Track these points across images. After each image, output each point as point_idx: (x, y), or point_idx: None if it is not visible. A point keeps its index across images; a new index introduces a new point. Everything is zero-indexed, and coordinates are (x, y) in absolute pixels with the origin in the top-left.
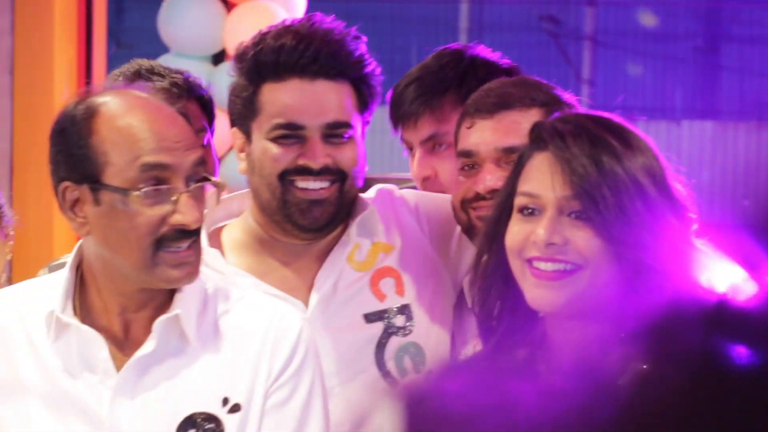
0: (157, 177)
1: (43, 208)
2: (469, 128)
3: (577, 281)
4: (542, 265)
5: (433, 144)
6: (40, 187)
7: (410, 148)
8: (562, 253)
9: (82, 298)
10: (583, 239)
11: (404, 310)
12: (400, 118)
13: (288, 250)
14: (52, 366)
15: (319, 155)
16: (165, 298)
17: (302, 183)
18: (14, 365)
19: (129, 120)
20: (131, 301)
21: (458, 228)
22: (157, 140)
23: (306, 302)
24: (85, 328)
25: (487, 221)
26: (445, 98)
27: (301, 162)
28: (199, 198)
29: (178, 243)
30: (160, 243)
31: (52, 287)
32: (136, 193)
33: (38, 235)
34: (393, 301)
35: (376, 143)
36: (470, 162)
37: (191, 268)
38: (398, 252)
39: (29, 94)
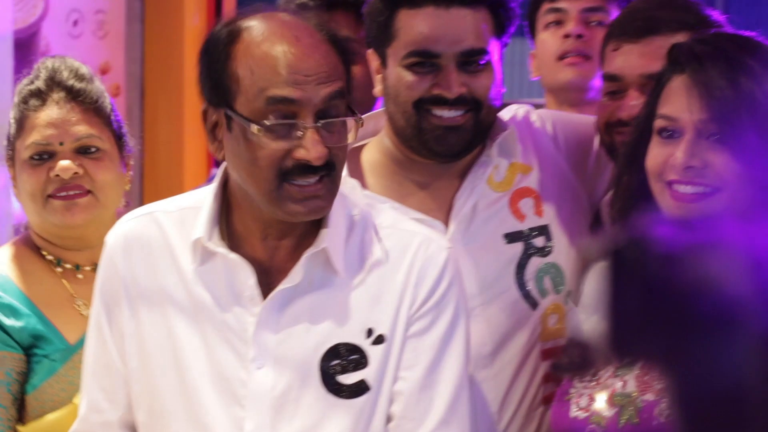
0: (283, 111)
1: (174, 132)
2: (614, 51)
3: (715, 203)
4: (681, 188)
5: (590, 18)
6: (170, 113)
7: (556, 21)
8: (700, 176)
9: (228, 223)
10: (721, 162)
11: (543, 230)
12: None
13: (426, 171)
14: (197, 292)
15: (454, 85)
16: (309, 227)
17: (437, 111)
18: (160, 278)
19: (264, 49)
20: (273, 228)
21: (595, 148)
22: (286, 73)
23: (445, 223)
24: (233, 256)
25: (627, 143)
26: None
27: (436, 91)
28: (329, 133)
29: (305, 178)
30: (285, 176)
31: (198, 206)
32: (258, 126)
33: (169, 163)
34: (532, 222)
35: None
36: (615, 86)
37: (319, 203)
38: (536, 172)
39: (160, 18)
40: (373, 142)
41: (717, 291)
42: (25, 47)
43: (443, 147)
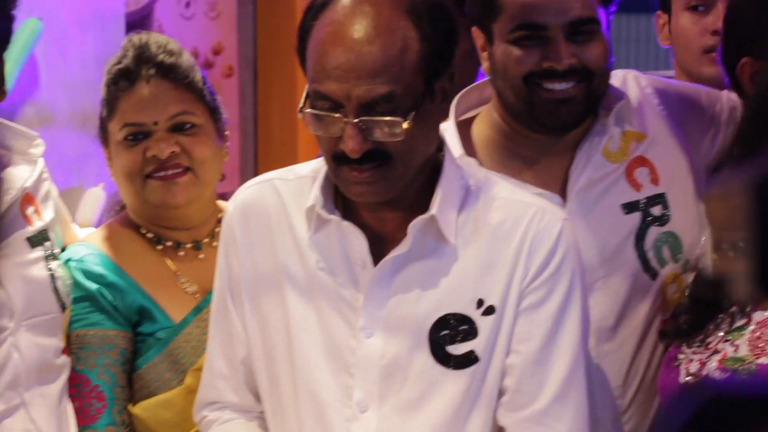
0: (323, 103)
1: (287, 113)
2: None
3: None
4: None
5: None
6: (284, 91)
7: (697, 6)
8: None
9: (342, 192)
10: None
11: (660, 199)
12: None
13: (538, 145)
14: (311, 259)
15: (564, 56)
16: (420, 195)
17: (548, 84)
18: (276, 244)
19: (322, 36)
20: (381, 204)
21: (709, 114)
22: (328, 67)
23: (561, 195)
24: (346, 223)
25: (741, 118)
26: None
27: (546, 64)
28: (373, 129)
29: (350, 165)
30: (339, 161)
31: (315, 175)
32: (300, 114)
33: (282, 143)
34: (649, 191)
35: None
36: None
37: (372, 189)
38: (650, 140)
39: (272, 1)
40: (482, 115)
41: None
42: (138, 29)
43: (555, 120)
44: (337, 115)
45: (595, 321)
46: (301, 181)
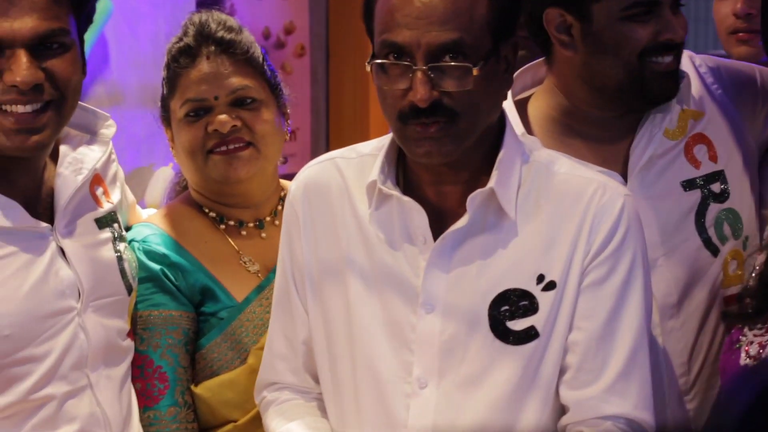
0: (392, 53)
1: (359, 93)
2: None
3: None
4: None
5: None
6: (356, 71)
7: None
8: None
9: (404, 167)
10: None
11: (719, 176)
12: None
13: (599, 122)
14: (372, 235)
15: (680, 29)
16: (480, 170)
17: (659, 58)
18: (338, 220)
19: None
20: (442, 174)
21: (763, 92)
22: (399, 16)
23: (622, 173)
24: (406, 199)
25: None
26: None
27: (664, 37)
28: (443, 78)
29: (419, 120)
30: (404, 118)
31: (376, 153)
32: (370, 64)
33: (354, 123)
34: (708, 168)
35: None
36: None
37: (436, 146)
38: (707, 118)
39: None
40: (539, 94)
41: None
42: (210, 7)
43: (664, 93)
44: (406, 63)
45: (658, 298)
46: (364, 159)
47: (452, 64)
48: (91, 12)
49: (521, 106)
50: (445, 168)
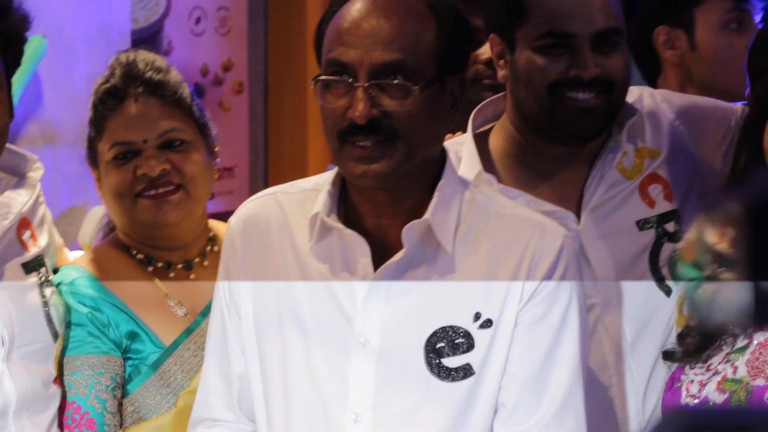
0: (336, 71)
1: (298, 129)
2: None
3: None
4: None
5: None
6: (295, 108)
7: (739, 22)
8: None
9: (346, 201)
10: None
11: (674, 215)
12: None
13: (553, 159)
14: (311, 269)
15: (591, 65)
16: (420, 204)
17: (572, 93)
18: (276, 254)
19: (344, 12)
20: (384, 206)
21: (723, 127)
22: (344, 35)
23: (576, 211)
24: (349, 232)
25: (744, 120)
26: None
27: (573, 73)
28: (384, 96)
29: (358, 138)
30: (343, 136)
31: (318, 189)
32: (313, 81)
33: (293, 160)
34: (663, 207)
35: None
36: None
37: (375, 166)
38: (665, 156)
39: (283, 14)
40: (498, 128)
41: None
42: (148, 46)
43: (578, 130)
44: (349, 80)
45: (612, 337)
46: (304, 194)
47: (393, 82)
48: (18, 55)
49: (482, 140)
50: (384, 198)
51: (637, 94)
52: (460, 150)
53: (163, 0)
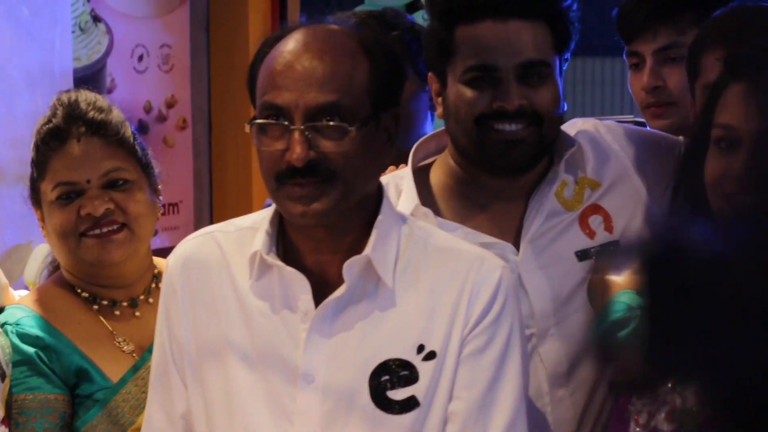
0: (272, 114)
1: (242, 165)
2: (720, 60)
3: None
4: (741, 199)
5: (666, 55)
6: (238, 144)
7: (636, 64)
8: (760, 187)
9: (285, 239)
10: None
11: (614, 247)
12: (636, 27)
13: (492, 190)
14: (252, 308)
15: (514, 97)
16: (359, 240)
17: (498, 125)
18: (217, 313)
19: (272, 54)
20: (323, 242)
21: (666, 160)
22: (275, 76)
23: (515, 242)
24: (289, 269)
25: (684, 153)
26: (688, 11)
27: (496, 105)
28: (320, 138)
29: (293, 180)
30: (281, 178)
31: (257, 227)
32: (249, 125)
33: (237, 196)
34: (602, 238)
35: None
36: None
37: (314, 206)
38: (605, 188)
39: (226, 51)
40: (439, 161)
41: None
42: (91, 84)
43: (506, 161)
44: (285, 123)
45: (548, 367)
46: (242, 232)
47: (329, 124)
48: None
49: (424, 174)
50: (323, 235)
51: (580, 125)
52: (401, 183)
53: (105, 38)
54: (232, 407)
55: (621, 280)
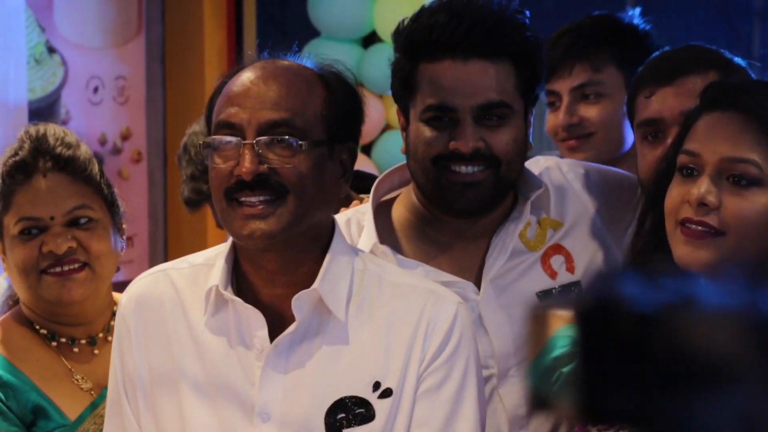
0: (225, 132)
1: None
2: (648, 97)
3: (721, 248)
4: (692, 227)
5: (583, 93)
6: None
7: (552, 102)
8: (712, 216)
9: (238, 274)
10: (735, 207)
11: (576, 286)
12: (552, 66)
13: (454, 229)
14: (206, 344)
15: (470, 139)
16: (313, 275)
17: (455, 167)
18: (171, 349)
19: (234, 79)
20: (274, 274)
21: (627, 200)
22: (232, 96)
23: (477, 281)
24: (245, 305)
25: (651, 183)
26: (603, 48)
27: (452, 146)
28: (272, 154)
29: (245, 196)
30: (229, 195)
31: (210, 264)
32: (202, 143)
33: (192, 229)
34: (564, 278)
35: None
36: (653, 130)
37: (262, 225)
38: (567, 228)
39: (181, 83)
40: (402, 197)
41: (700, 352)
42: (46, 115)
43: (461, 203)
44: (236, 139)
45: (508, 409)
46: (196, 269)
47: (280, 138)
48: None
49: (386, 209)
50: (275, 267)
51: (543, 164)
52: (363, 219)
53: (60, 70)
54: None
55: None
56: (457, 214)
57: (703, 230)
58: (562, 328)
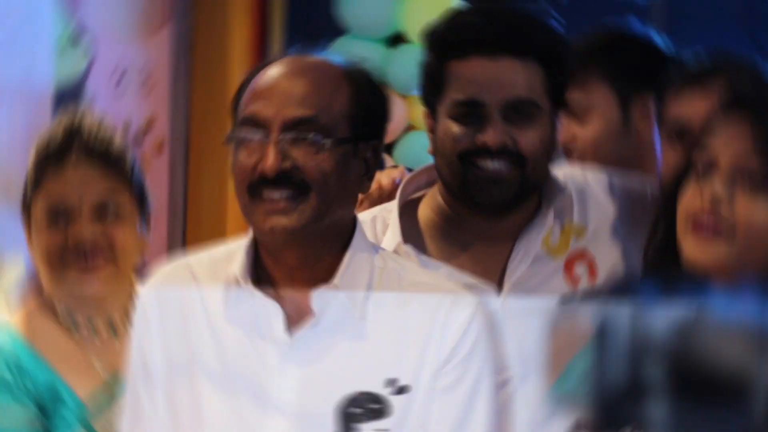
0: (251, 127)
1: (217, 191)
2: (676, 99)
3: (732, 252)
4: (704, 232)
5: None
6: (215, 170)
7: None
8: (724, 218)
9: (258, 267)
10: (746, 211)
11: (597, 295)
12: None
13: (477, 230)
14: (224, 335)
15: (498, 133)
16: (332, 271)
17: (481, 162)
18: (189, 340)
19: (262, 74)
20: (294, 270)
21: (651, 207)
22: (258, 91)
23: (498, 284)
24: (264, 298)
25: (664, 189)
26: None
27: (479, 141)
28: (297, 151)
29: (268, 192)
30: (253, 190)
31: (231, 256)
32: (227, 137)
33: (213, 221)
34: (586, 285)
35: None
36: (677, 132)
37: (283, 221)
38: (591, 234)
39: (207, 74)
40: (428, 197)
41: (710, 362)
42: (70, 103)
43: (486, 199)
44: (260, 135)
45: (527, 413)
46: (216, 261)
47: (305, 136)
48: None
49: (412, 208)
50: (295, 262)
51: (567, 169)
52: (388, 217)
53: (85, 58)
54: None
55: (585, 328)
56: (481, 210)
57: (714, 228)
58: (580, 351)
